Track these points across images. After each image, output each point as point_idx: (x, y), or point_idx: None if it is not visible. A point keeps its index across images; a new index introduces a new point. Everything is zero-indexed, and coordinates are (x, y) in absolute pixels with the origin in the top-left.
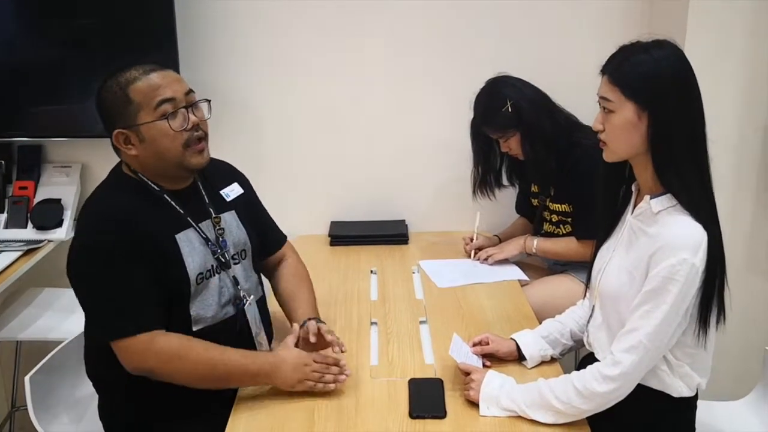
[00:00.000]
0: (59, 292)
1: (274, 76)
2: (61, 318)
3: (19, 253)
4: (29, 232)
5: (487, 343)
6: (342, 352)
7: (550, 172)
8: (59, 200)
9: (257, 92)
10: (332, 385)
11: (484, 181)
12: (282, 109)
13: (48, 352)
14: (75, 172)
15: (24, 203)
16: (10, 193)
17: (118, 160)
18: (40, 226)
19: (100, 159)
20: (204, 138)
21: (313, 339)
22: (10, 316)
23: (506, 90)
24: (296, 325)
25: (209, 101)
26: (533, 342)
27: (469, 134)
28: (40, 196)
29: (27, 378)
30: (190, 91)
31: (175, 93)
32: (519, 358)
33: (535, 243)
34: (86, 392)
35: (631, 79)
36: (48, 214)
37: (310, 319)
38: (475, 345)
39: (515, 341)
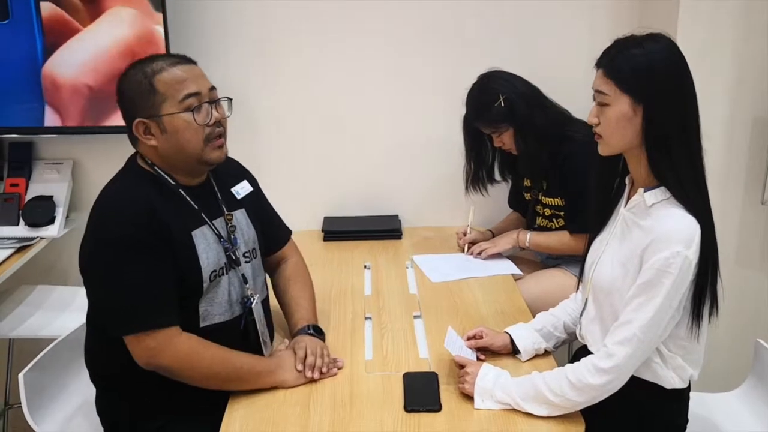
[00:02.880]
0: (51, 290)
1: (267, 71)
2: (53, 315)
3: (11, 251)
4: (21, 230)
5: (481, 337)
6: (339, 368)
7: (543, 166)
8: (51, 197)
9: (251, 88)
10: (335, 370)
11: (477, 176)
12: (275, 105)
13: (41, 350)
14: (66, 169)
15: (15, 200)
16: (1, 190)
17: (110, 156)
18: (32, 223)
19: (91, 155)
20: (223, 134)
21: (299, 367)
22: (2, 314)
23: (498, 85)
24: (285, 342)
25: (230, 99)
26: (527, 335)
27: (461, 129)
28: (31, 193)
29: (21, 375)
30: (213, 87)
31: (200, 88)
32: (513, 351)
33: (528, 237)
34: (80, 389)
35: (625, 73)
36: (40, 211)
37: (307, 328)
38: (469, 339)
39: (509, 335)
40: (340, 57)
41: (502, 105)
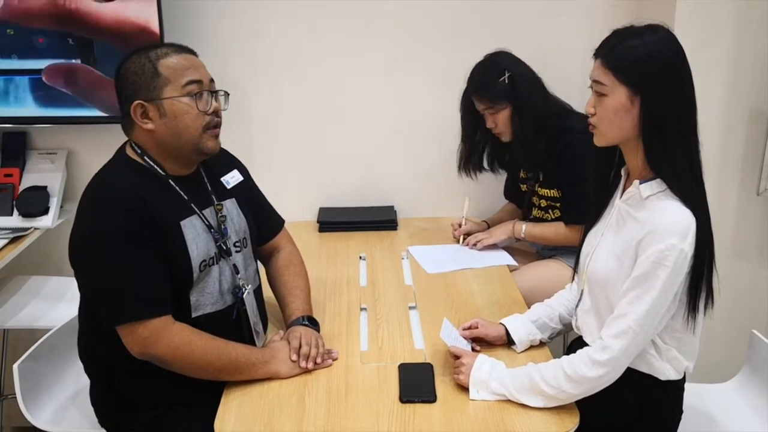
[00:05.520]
0: (46, 280)
1: (262, 62)
2: (48, 306)
3: (5, 241)
4: (15, 220)
5: (477, 328)
6: (333, 359)
7: (537, 154)
8: (45, 187)
9: (245, 78)
10: (329, 361)
11: (469, 159)
12: (270, 95)
13: (35, 340)
14: (60, 159)
15: (9, 190)
16: None
17: (104, 146)
18: (26, 214)
19: (85, 145)
20: (219, 125)
21: (294, 357)
22: None
23: (506, 62)
24: (280, 333)
25: (228, 94)
26: (522, 326)
27: (458, 121)
28: (25, 183)
29: (15, 366)
30: (212, 80)
31: (202, 77)
32: (508, 342)
33: (524, 228)
34: (75, 380)
35: (624, 63)
36: (34, 202)
37: (301, 319)
38: (464, 330)
39: (504, 326)
40: (335, 47)
41: (506, 82)
